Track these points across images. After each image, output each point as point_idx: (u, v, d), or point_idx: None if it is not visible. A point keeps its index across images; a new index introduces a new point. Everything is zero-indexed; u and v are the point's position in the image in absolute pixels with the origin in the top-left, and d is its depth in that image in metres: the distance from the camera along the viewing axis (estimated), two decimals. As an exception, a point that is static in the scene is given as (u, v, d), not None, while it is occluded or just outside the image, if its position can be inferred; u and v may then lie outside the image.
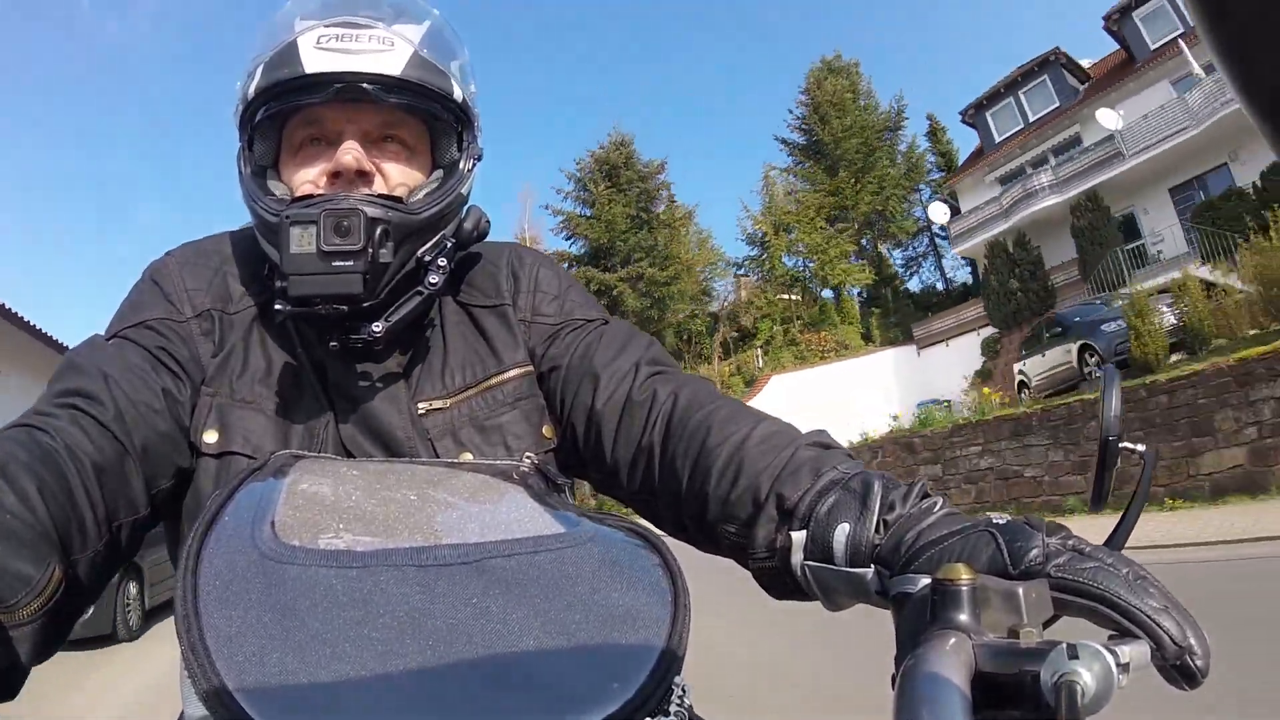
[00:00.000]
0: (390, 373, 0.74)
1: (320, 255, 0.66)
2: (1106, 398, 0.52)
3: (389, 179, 0.74)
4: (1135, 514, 0.51)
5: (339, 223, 0.66)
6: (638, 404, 0.72)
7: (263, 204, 0.71)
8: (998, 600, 0.38)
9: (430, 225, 0.74)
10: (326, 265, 0.66)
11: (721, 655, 4.44)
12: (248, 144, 0.76)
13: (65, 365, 0.68)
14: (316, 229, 0.66)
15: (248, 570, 0.43)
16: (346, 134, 0.73)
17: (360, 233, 0.66)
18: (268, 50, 0.72)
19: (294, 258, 0.66)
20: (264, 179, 0.75)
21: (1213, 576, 4.81)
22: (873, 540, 0.52)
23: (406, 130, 0.76)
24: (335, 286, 0.66)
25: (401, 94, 0.72)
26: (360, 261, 0.66)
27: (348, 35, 0.70)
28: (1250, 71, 0.20)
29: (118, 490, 0.61)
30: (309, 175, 0.73)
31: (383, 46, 0.70)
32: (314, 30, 0.70)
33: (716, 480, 0.62)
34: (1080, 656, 0.32)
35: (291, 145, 0.75)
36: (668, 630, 0.43)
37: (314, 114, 0.73)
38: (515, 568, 0.46)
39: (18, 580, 0.48)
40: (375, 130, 0.74)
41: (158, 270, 0.77)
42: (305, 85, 0.70)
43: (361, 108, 0.72)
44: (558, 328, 0.80)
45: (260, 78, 0.71)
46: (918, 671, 0.33)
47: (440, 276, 0.74)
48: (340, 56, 0.69)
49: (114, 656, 6.63)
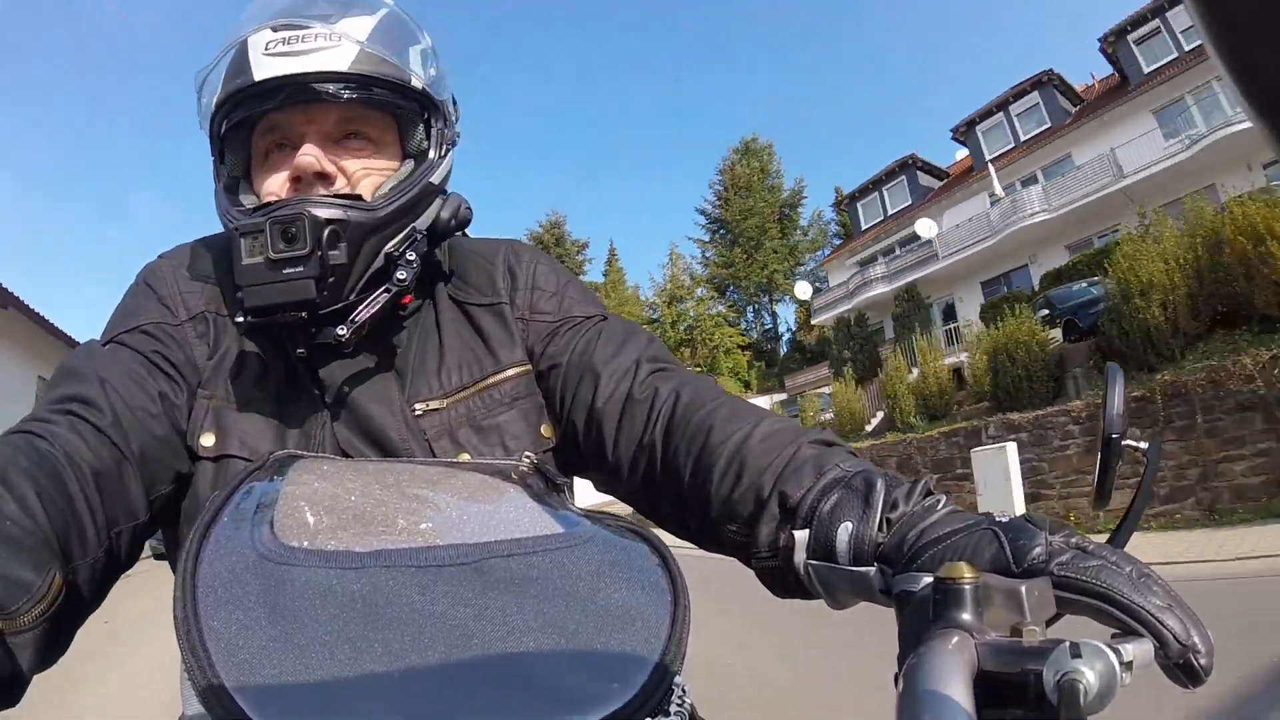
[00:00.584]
0: (381, 374, 0.74)
1: (269, 264, 0.65)
2: (1110, 396, 0.52)
3: (352, 177, 0.73)
4: (1138, 511, 0.50)
5: (285, 229, 0.65)
6: (639, 401, 0.71)
7: (227, 217, 0.71)
8: (1000, 599, 0.38)
9: (393, 219, 0.72)
10: (276, 274, 0.65)
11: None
12: (219, 157, 0.75)
13: (62, 371, 0.68)
14: (265, 237, 0.65)
15: (247, 571, 0.42)
16: (307, 136, 0.72)
17: (306, 237, 0.65)
18: (221, 63, 0.72)
19: (245, 269, 0.66)
20: (235, 191, 0.74)
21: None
22: (875, 539, 0.51)
23: (369, 125, 0.75)
24: (288, 294, 0.65)
25: (354, 88, 0.71)
26: (309, 266, 0.65)
27: (293, 37, 0.69)
28: (1250, 71, 0.20)
29: (117, 497, 0.61)
30: (274, 184, 0.72)
31: (328, 44, 0.70)
32: (260, 35, 0.70)
33: (719, 479, 0.62)
34: (1083, 655, 0.32)
35: (259, 153, 0.75)
36: (668, 630, 0.42)
37: (273, 120, 0.73)
38: (515, 568, 0.45)
39: (18, 587, 0.48)
40: (335, 129, 0.73)
41: (151, 273, 0.77)
42: (258, 93, 0.70)
43: (318, 108, 0.72)
44: (556, 325, 0.79)
45: (220, 91, 0.71)
46: (920, 670, 0.33)
47: (409, 272, 0.72)
48: (287, 60, 0.69)
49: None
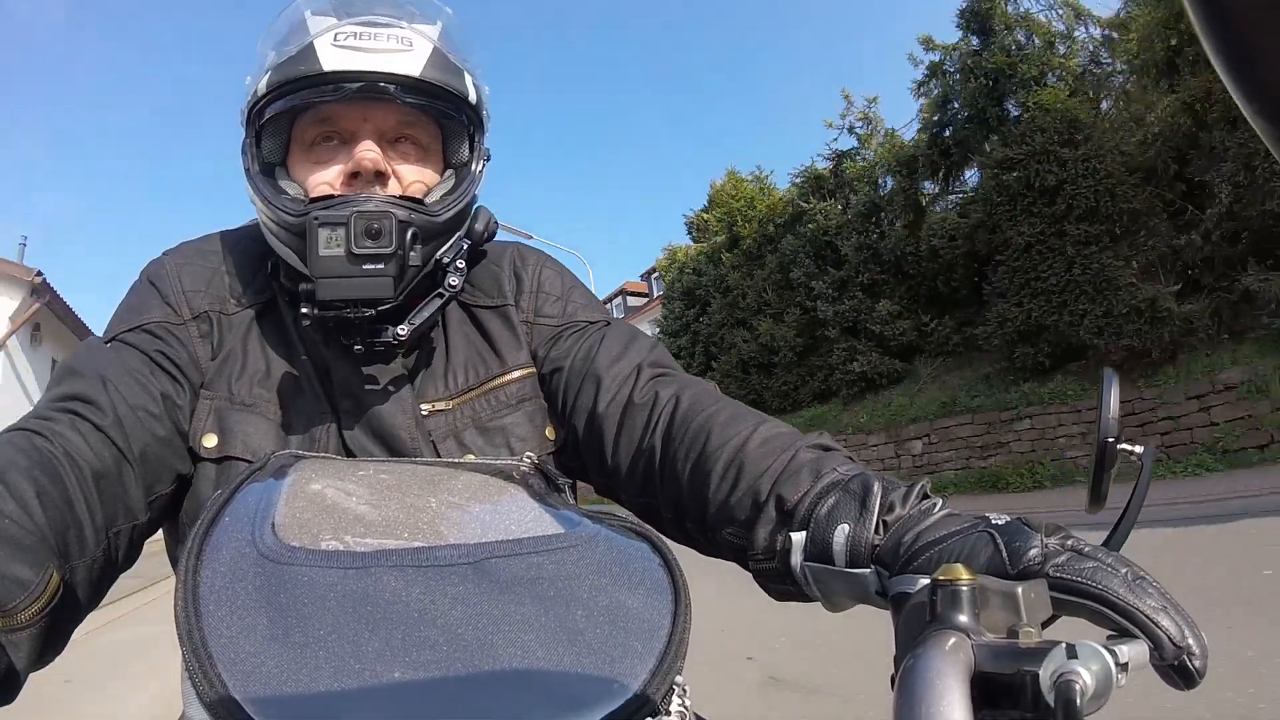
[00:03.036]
0: (397, 374, 0.74)
1: (350, 258, 0.65)
2: (1105, 400, 0.52)
3: (403, 180, 0.73)
4: (1134, 514, 0.51)
5: (369, 225, 0.65)
6: (639, 406, 0.71)
7: (278, 204, 0.70)
8: (997, 600, 0.38)
9: (449, 227, 0.73)
10: (356, 268, 0.65)
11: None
12: (254, 140, 0.74)
13: (64, 369, 0.67)
14: (346, 231, 0.65)
15: (248, 571, 0.43)
16: (362, 133, 0.72)
17: (392, 235, 0.66)
18: (280, 45, 0.71)
19: (322, 260, 0.65)
20: (273, 177, 0.73)
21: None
22: (872, 541, 0.51)
23: (421, 131, 0.75)
24: (366, 290, 0.66)
25: (419, 95, 0.71)
26: (392, 264, 0.66)
27: (366, 33, 0.69)
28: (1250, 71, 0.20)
29: (116, 497, 0.61)
30: (325, 176, 0.72)
31: (402, 46, 0.70)
32: (326, 22, 0.69)
33: (717, 482, 0.62)
34: (1079, 656, 0.32)
35: (303, 143, 0.74)
36: (668, 630, 0.43)
37: (328, 112, 0.72)
38: (516, 568, 0.46)
39: (16, 584, 0.48)
40: (390, 130, 0.73)
41: (154, 272, 0.76)
42: (322, 83, 0.69)
43: (378, 107, 0.72)
44: (560, 329, 0.80)
45: (274, 73, 0.70)
46: (917, 672, 0.33)
47: (460, 278, 0.74)
48: (359, 55, 0.68)
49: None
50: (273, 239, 0.73)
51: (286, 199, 0.71)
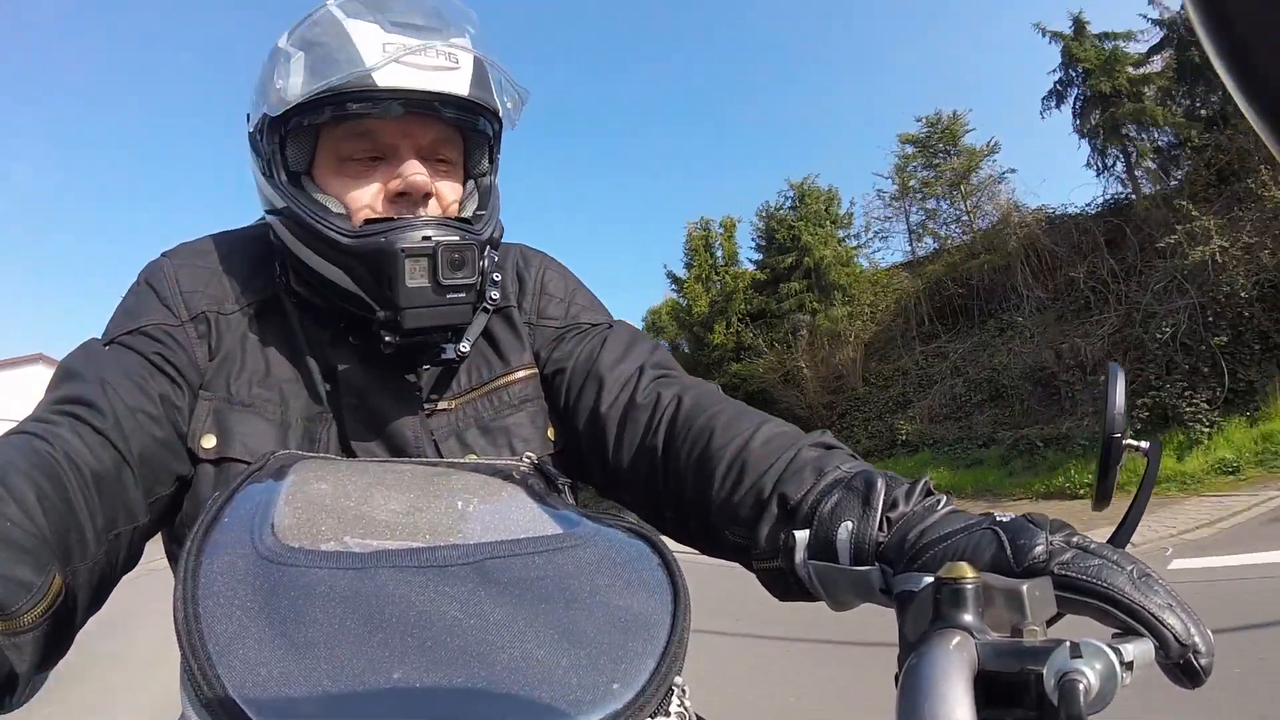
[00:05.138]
0: (399, 375, 0.74)
1: (436, 288, 0.67)
2: (1110, 395, 0.52)
3: (443, 198, 0.74)
4: (1140, 511, 0.50)
5: (454, 256, 0.67)
6: (641, 407, 0.71)
7: (325, 222, 0.69)
8: (1001, 599, 0.38)
9: (489, 243, 0.74)
10: (442, 298, 0.67)
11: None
12: (280, 146, 0.72)
13: (63, 372, 0.67)
14: (431, 262, 0.67)
15: (247, 572, 0.42)
16: (403, 150, 0.71)
17: (474, 265, 0.68)
18: (314, 48, 0.68)
19: (410, 291, 0.67)
20: (300, 187, 0.72)
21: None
22: (876, 538, 0.51)
23: (452, 146, 0.75)
24: (451, 318, 0.69)
25: (462, 112, 0.71)
26: (472, 293, 0.69)
27: (416, 47, 0.67)
28: (1250, 71, 0.20)
29: (116, 499, 0.61)
30: (366, 193, 0.71)
31: (450, 64, 0.69)
32: (375, 35, 0.67)
33: (719, 482, 0.62)
34: (1084, 655, 0.32)
35: (337, 156, 0.72)
36: (668, 630, 0.42)
37: (366, 126, 0.70)
38: (516, 568, 0.45)
39: (19, 586, 0.48)
40: (429, 147, 0.73)
41: (153, 274, 0.76)
42: (375, 98, 0.67)
43: (419, 123, 0.71)
44: (563, 331, 0.80)
45: (313, 79, 0.67)
46: (921, 670, 0.33)
47: (498, 290, 0.77)
48: (416, 73, 0.67)
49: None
50: (309, 254, 0.70)
51: (335, 217, 0.69)
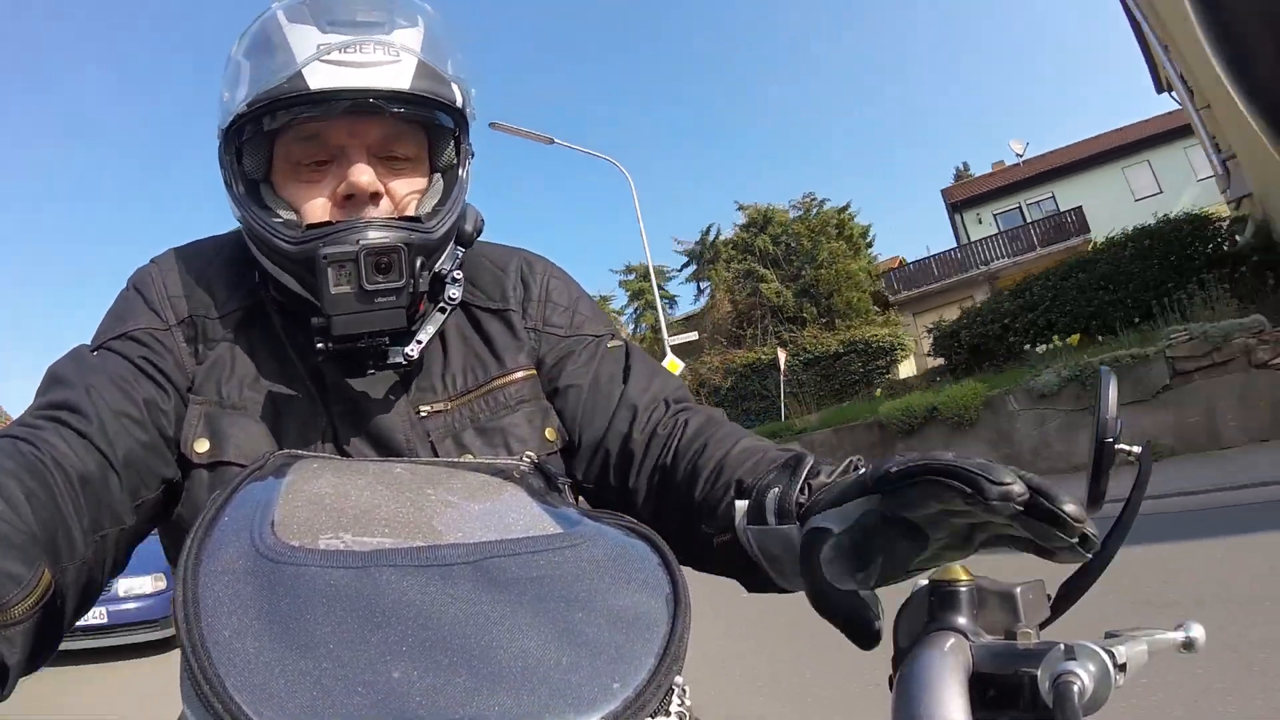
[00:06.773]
0: (392, 376, 0.74)
1: (360, 295, 0.66)
2: (1102, 398, 0.52)
3: (395, 196, 0.72)
4: (1132, 515, 0.51)
5: (379, 260, 0.66)
6: (660, 437, 0.75)
7: (273, 230, 0.69)
8: (995, 601, 0.39)
9: (446, 240, 0.73)
10: (368, 303, 0.66)
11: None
12: (236, 158, 0.72)
13: (50, 378, 0.68)
14: (355, 267, 0.65)
15: (247, 571, 0.43)
16: (351, 150, 0.70)
17: (402, 268, 0.66)
18: (258, 57, 0.69)
19: (335, 298, 0.65)
20: (258, 194, 0.72)
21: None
22: (797, 499, 0.56)
23: (407, 142, 0.74)
24: (379, 323, 0.67)
25: (408, 106, 0.70)
26: (403, 296, 0.67)
27: (351, 45, 0.67)
28: (1250, 71, 0.20)
29: (101, 501, 0.61)
30: (317, 198, 0.70)
31: (389, 58, 0.68)
32: (310, 37, 0.67)
33: (702, 485, 0.67)
34: (1078, 657, 0.32)
35: (289, 162, 0.72)
36: (668, 630, 0.43)
37: (313, 129, 0.70)
38: (515, 567, 0.46)
39: (9, 579, 0.48)
40: (379, 145, 0.72)
41: (141, 279, 0.76)
42: (309, 102, 0.67)
43: (365, 122, 0.70)
44: (566, 340, 0.81)
45: (254, 89, 0.68)
46: (915, 673, 0.33)
47: (459, 289, 0.75)
48: (347, 71, 0.67)
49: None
50: (267, 263, 0.71)
51: (280, 224, 0.69)
